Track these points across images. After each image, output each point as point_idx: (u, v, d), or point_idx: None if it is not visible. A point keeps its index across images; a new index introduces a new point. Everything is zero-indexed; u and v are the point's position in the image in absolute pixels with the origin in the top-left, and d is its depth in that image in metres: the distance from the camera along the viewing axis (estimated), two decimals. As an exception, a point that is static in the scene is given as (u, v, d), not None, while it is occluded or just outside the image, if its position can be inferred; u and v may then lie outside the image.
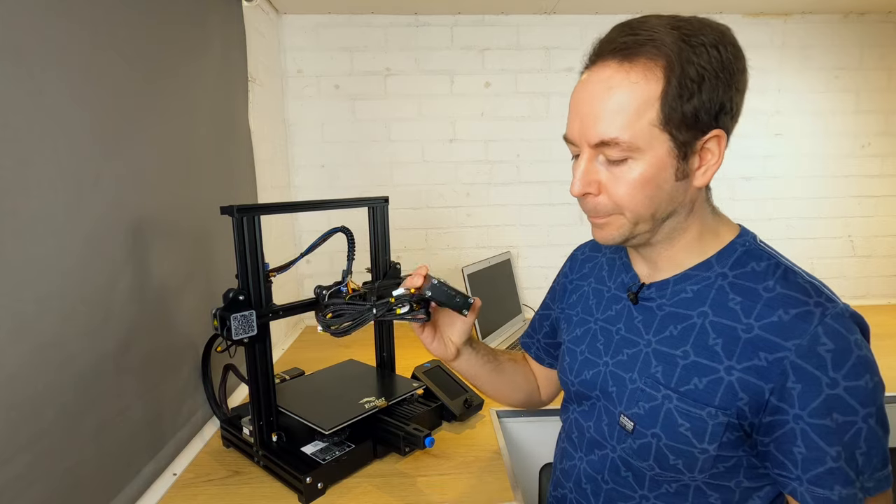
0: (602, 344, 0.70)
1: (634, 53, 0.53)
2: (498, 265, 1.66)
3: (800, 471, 0.54)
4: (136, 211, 0.84)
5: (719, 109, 0.54)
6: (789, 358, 0.53)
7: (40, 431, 0.63)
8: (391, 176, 1.82)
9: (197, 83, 1.08)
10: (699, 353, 0.59)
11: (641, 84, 0.53)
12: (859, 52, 1.81)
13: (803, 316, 0.53)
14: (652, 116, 0.53)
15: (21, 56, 0.61)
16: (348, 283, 0.94)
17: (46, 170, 0.65)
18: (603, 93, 0.55)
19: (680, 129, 0.54)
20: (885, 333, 1.57)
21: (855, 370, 0.52)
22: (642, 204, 0.57)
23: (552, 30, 1.77)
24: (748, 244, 0.62)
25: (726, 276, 0.60)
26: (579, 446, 0.72)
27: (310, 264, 1.81)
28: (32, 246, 0.62)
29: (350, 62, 1.75)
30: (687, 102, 0.53)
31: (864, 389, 0.52)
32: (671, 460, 0.60)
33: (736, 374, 0.56)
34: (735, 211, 2.08)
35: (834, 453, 0.52)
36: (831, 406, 0.52)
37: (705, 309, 0.60)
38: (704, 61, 0.52)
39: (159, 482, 0.86)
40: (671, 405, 0.59)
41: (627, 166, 0.56)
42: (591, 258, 0.80)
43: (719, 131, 0.55)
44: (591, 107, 0.56)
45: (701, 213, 0.62)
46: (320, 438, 0.89)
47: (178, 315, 0.98)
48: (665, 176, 0.56)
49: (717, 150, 0.56)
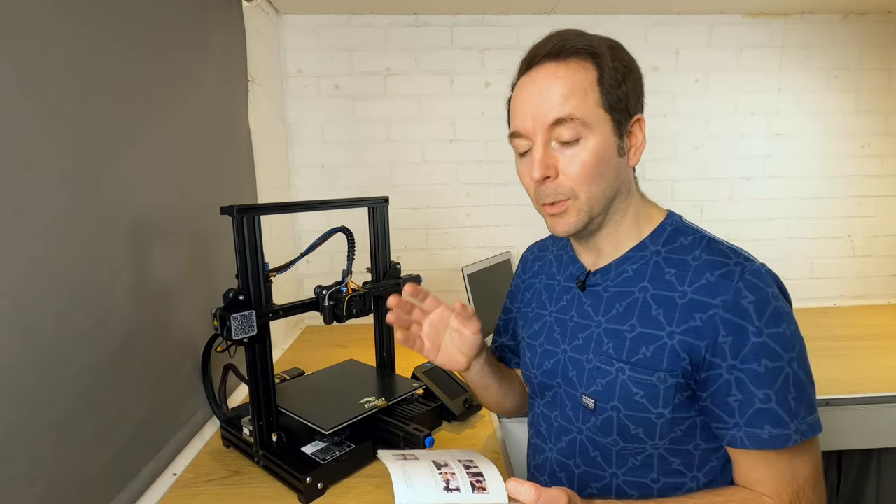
0: (559, 333, 0.74)
1: (566, 53, 0.62)
2: (498, 265, 1.66)
3: (738, 417, 0.59)
4: (136, 211, 0.84)
5: (636, 98, 0.65)
6: (718, 313, 0.59)
7: (40, 431, 0.63)
8: (391, 176, 1.82)
9: (197, 83, 1.08)
10: (644, 324, 0.64)
11: (581, 73, 0.62)
12: (859, 52, 1.81)
13: (726, 275, 0.60)
14: (595, 98, 0.62)
15: (21, 57, 0.61)
16: (348, 283, 0.94)
17: (47, 170, 0.65)
18: (550, 83, 0.62)
19: (615, 111, 0.63)
20: (885, 333, 1.57)
21: (774, 318, 0.58)
22: (596, 181, 0.63)
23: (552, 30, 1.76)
24: (676, 223, 0.69)
25: (660, 252, 0.67)
26: (548, 437, 0.76)
27: (310, 264, 1.81)
28: (33, 246, 0.62)
29: (350, 62, 1.75)
30: (618, 89, 0.62)
31: (783, 336, 0.58)
32: (632, 430, 0.65)
33: (677, 338, 0.61)
34: (735, 211, 2.08)
35: (762, 395, 0.57)
36: (758, 352, 0.57)
37: (645, 284, 0.66)
38: (621, 58, 0.63)
39: (159, 482, 0.86)
40: (624, 377, 0.65)
41: (580, 145, 0.62)
42: (539, 257, 0.85)
43: (640, 116, 0.66)
44: (542, 95, 0.63)
45: (635, 196, 0.69)
46: (320, 438, 0.89)
47: (178, 315, 0.98)
48: (611, 152, 0.63)
49: (641, 133, 0.66)
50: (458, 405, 1.03)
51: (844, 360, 1.36)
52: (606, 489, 0.69)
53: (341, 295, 0.92)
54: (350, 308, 0.92)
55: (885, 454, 1.43)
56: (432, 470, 0.62)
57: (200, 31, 1.11)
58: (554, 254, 0.82)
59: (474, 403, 1.05)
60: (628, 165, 0.67)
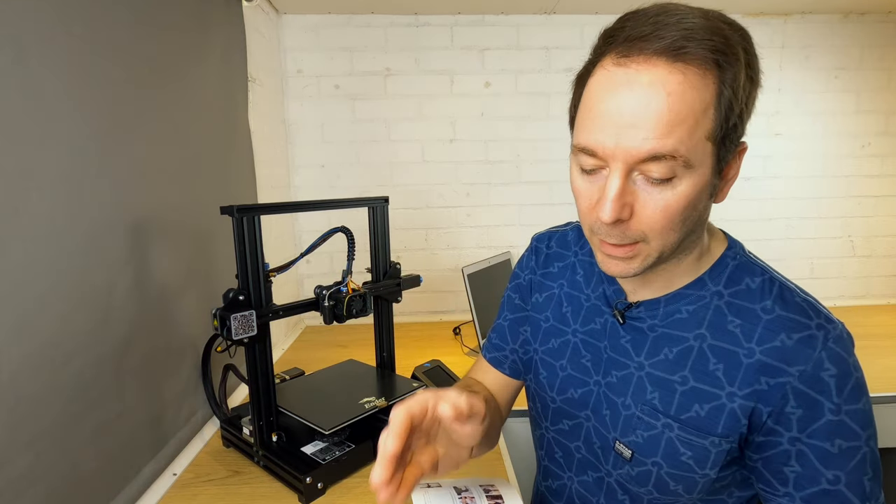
0: (589, 361, 0.65)
1: (688, 52, 0.44)
2: (498, 265, 1.66)
3: (790, 488, 0.53)
4: (136, 211, 0.84)
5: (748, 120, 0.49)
6: (792, 383, 0.51)
7: (40, 431, 0.63)
8: (391, 176, 1.82)
9: (197, 83, 1.08)
10: (699, 378, 0.56)
11: (700, 88, 0.44)
12: (859, 52, 1.81)
13: (806, 341, 0.51)
14: (707, 128, 0.46)
15: (21, 56, 0.61)
16: (348, 283, 0.94)
17: (47, 170, 0.65)
18: (656, 98, 0.44)
19: (724, 142, 0.47)
20: (885, 333, 1.57)
21: (854, 393, 0.51)
22: (677, 229, 0.50)
23: (552, 30, 1.77)
24: (738, 257, 0.58)
25: (721, 294, 0.57)
26: (567, 466, 0.69)
27: (310, 264, 1.81)
28: (32, 246, 0.62)
29: (350, 62, 1.75)
30: (739, 112, 0.46)
31: (863, 412, 0.51)
32: (671, 486, 0.58)
33: (738, 401, 0.53)
34: (735, 211, 2.08)
35: (831, 476, 0.51)
36: (834, 431, 0.50)
37: (702, 331, 0.56)
38: (746, 62, 0.46)
39: (159, 482, 0.86)
40: (672, 434, 0.57)
41: (670, 185, 0.47)
42: (560, 256, 0.72)
43: (744, 144, 0.50)
44: (641, 113, 0.45)
45: (704, 230, 0.57)
46: (320, 438, 0.89)
47: (178, 315, 0.98)
48: (704, 195, 0.49)
49: (738, 165, 0.51)
50: (458, 405, 1.03)
51: (844, 360, 1.35)
52: None
53: (341, 295, 0.92)
54: (350, 308, 0.92)
55: (884, 454, 1.43)
56: (453, 496, 0.62)
57: (200, 31, 1.11)
58: (579, 258, 0.70)
59: (474, 403, 1.05)
60: (711, 204, 0.53)
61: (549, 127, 1.81)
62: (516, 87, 1.79)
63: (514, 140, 1.82)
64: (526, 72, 1.78)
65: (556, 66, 1.78)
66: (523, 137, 1.82)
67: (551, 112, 1.80)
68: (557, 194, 1.85)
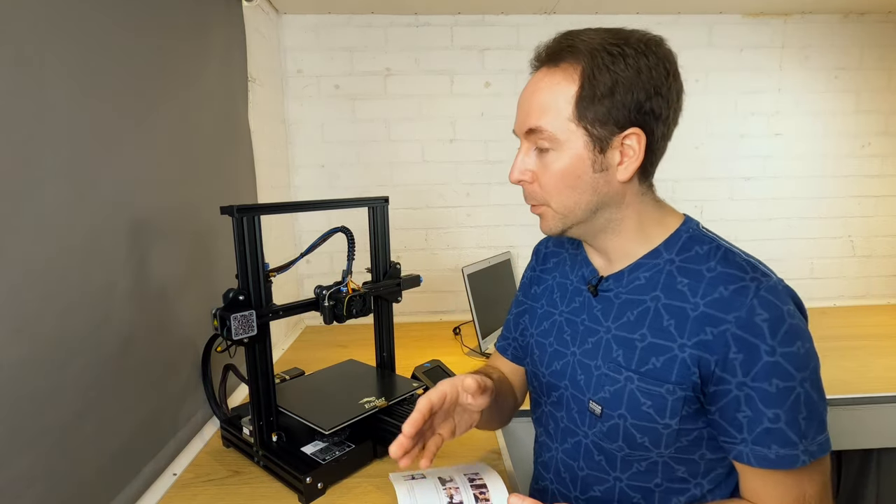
0: (569, 335, 0.73)
1: (558, 59, 0.62)
2: (498, 265, 1.66)
3: (745, 433, 0.58)
4: (136, 211, 0.84)
5: (637, 110, 0.59)
6: (730, 330, 0.57)
7: (40, 431, 0.63)
8: (391, 176, 1.82)
9: (197, 83, 1.08)
10: (655, 334, 0.63)
11: (562, 85, 0.61)
12: (859, 52, 1.81)
13: (740, 290, 0.58)
14: (568, 113, 0.60)
15: (22, 56, 0.61)
16: (348, 283, 0.94)
17: (47, 170, 0.65)
18: (533, 91, 0.64)
19: (594, 126, 0.60)
20: (885, 334, 1.57)
21: (787, 337, 0.56)
22: (565, 193, 0.64)
23: (552, 30, 1.75)
24: (692, 230, 0.67)
25: (674, 261, 0.65)
26: (555, 437, 0.75)
27: (310, 264, 1.81)
28: (33, 246, 0.62)
29: (350, 62, 1.75)
30: (599, 103, 0.59)
31: (796, 355, 0.56)
32: (638, 438, 0.64)
33: (688, 351, 0.60)
34: (735, 211, 2.08)
35: (771, 415, 0.56)
36: (770, 372, 0.56)
37: (657, 293, 0.64)
38: (620, 68, 0.58)
39: (159, 482, 0.86)
40: (633, 386, 0.64)
41: (551, 156, 0.63)
42: (555, 253, 0.83)
43: (636, 129, 0.60)
44: (527, 103, 0.64)
45: (637, 205, 0.66)
46: (320, 438, 0.89)
47: (178, 315, 0.98)
48: (583, 167, 0.62)
49: (637, 147, 0.61)
50: (458, 405, 1.03)
51: (844, 360, 1.36)
52: (609, 492, 0.69)
53: (341, 295, 0.92)
54: (350, 308, 0.92)
55: (884, 454, 1.43)
56: (437, 487, 0.62)
57: (200, 31, 1.11)
58: (569, 252, 0.80)
59: (474, 403, 1.05)
60: (615, 180, 0.63)
61: (549, 127, 1.80)
62: (516, 87, 1.79)
63: (514, 140, 1.81)
64: (526, 72, 1.76)
65: (556, 66, 1.78)
66: (523, 137, 1.81)
67: (551, 112, 1.80)
68: (557, 194, 1.85)
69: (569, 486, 0.73)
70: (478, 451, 0.95)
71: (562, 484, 0.74)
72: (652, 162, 0.64)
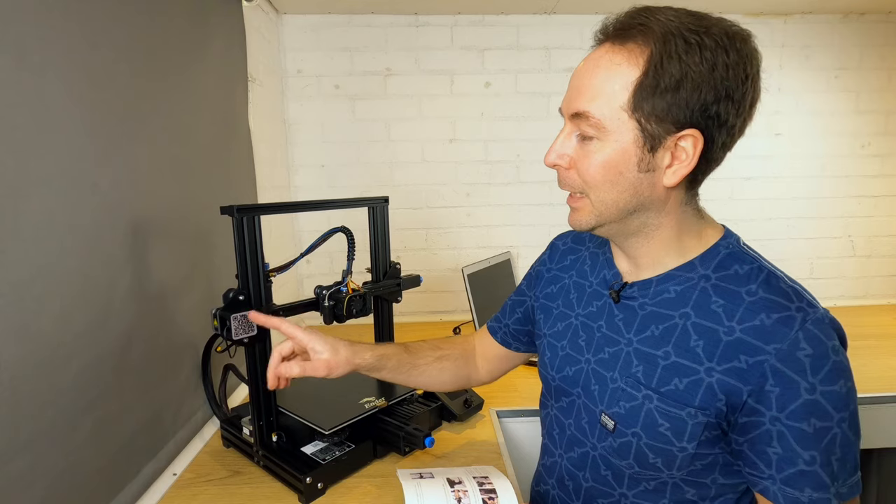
0: (584, 341, 0.70)
1: (626, 37, 0.54)
2: (498, 265, 1.66)
3: (773, 470, 0.55)
4: (136, 211, 0.84)
5: (701, 111, 0.53)
6: (769, 361, 0.53)
7: (40, 431, 0.63)
8: (391, 176, 1.82)
9: (197, 83, 1.08)
10: (680, 353, 0.59)
11: (623, 67, 0.54)
12: (859, 52, 1.81)
13: (784, 321, 0.54)
14: (623, 100, 0.54)
15: (21, 56, 0.61)
16: (348, 283, 0.94)
17: (47, 170, 0.65)
18: (590, 69, 0.56)
19: (649, 121, 0.54)
20: (885, 334, 1.57)
21: (831, 375, 0.52)
22: (605, 187, 0.58)
23: (552, 30, 1.77)
24: (731, 247, 0.62)
25: (709, 278, 0.60)
26: (559, 443, 0.73)
27: (310, 264, 1.81)
28: (33, 246, 0.62)
29: (350, 62, 1.75)
30: (661, 96, 0.53)
31: (838, 394, 0.53)
32: (650, 459, 0.61)
33: (716, 376, 0.56)
34: (735, 211, 2.08)
35: (808, 457, 0.53)
36: (809, 410, 0.52)
37: (687, 310, 0.60)
38: (694, 61, 0.51)
39: (159, 482, 0.86)
40: (651, 405, 0.60)
41: (594, 145, 0.57)
42: (573, 250, 0.79)
43: (694, 131, 0.54)
44: (579, 80, 0.58)
45: (678, 213, 0.61)
46: (320, 438, 0.89)
47: (178, 315, 0.98)
48: (628, 164, 0.56)
49: (692, 151, 0.55)
50: (458, 405, 1.03)
51: (844, 360, 1.36)
52: None
53: (341, 295, 0.92)
54: (350, 308, 0.93)
55: (885, 454, 1.43)
56: (445, 488, 0.62)
57: (200, 31, 1.11)
58: (590, 251, 0.76)
59: (474, 403, 1.05)
60: (660, 184, 0.57)
61: (549, 127, 1.80)
62: (516, 87, 1.79)
63: (514, 140, 1.82)
64: (526, 72, 1.78)
65: (556, 67, 1.78)
66: (523, 137, 1.81)
67: (551, 112, 1.80)
68: (557, 194, 1.84)
69: (571, 496, 0.71)
70: (478, 450, 0.95)
71: (564, 492, 0.72)
72: (704, 171, 0.59)
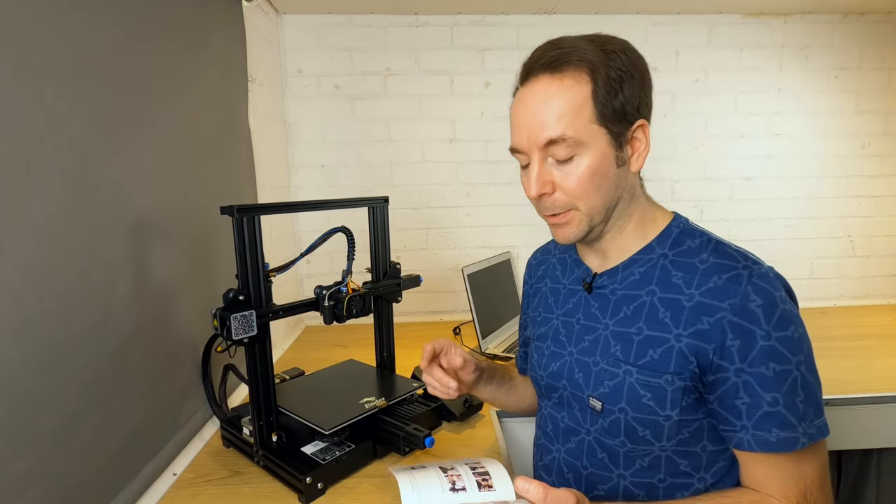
0: (564, 336, 0.75)
1: (562, 64, 0.61)
2: (498, 265, 1.66)
3: (745, 419, 0.59)
4: (136, 211, 0.84)
5: (639, 103, 0.63)
6: (727, 317, 0.59)
7: (40, 431, 0.63)
8: (391, 176, 1.82)
9: (197, 83, 1.08)
10: (651, 327, 0.64)
11: (574, 88, 0.60)
12: (859, 52, 1.81)
13: (734, 278, 0.60)
14: (588, 114, 0.61)
15: (22, 56, 0.61)
16: (348, 283, 0.94)
17: (47, 170, 0.65)
18: (543, 102, 0.61)
19: (613, 122, 0.61)
20: (885, 333, 1.57)
21: (782, 322, 0.58)
22: (594, 194, 0.64)
23: (552, 30, 1.75)
24: (682, 226, 0.69)
25: (667, 255, 0.67)
26: (555, 438, 0.76)
27: (310, 264, 1.81)
28: (33, 246, 0.62)
29: (350, 62, 1.75)
30: (614, 98, 0.61)
31: (791, 339, 0.58)
32: (640, 432, 0.65)
33: (684, 341, 0.61)
34: (735, 211, 2.08)
35: (770, 399, 0.58)
36: (767, 356, 0.58)
37: (652, 287, 0.66)
38: (619, 64, 0.61)
39: (159, 482, 0.86)
40: (632, 379, 0.65)
41: (574, 163, 0.62)
42: (543, 261, 0.86)
43: (643, 121, 0.64)
44: (535, 115, 0.62)
45: (639, 200, 0.69)
46: (320, 438, 0.89)
47: (178, 315, 0.98)
48: (608, 165, 0.63)
49: (644, 138, 0.64)
50: (459, 405, 1.03)
51: (844, 360, 1.36)
52: (614, 490, 0.69)
53: (341, 295, 0.92)
54: (350, 308, 0.93)
55: (885, 454, 1.43)
56: (438, 474, 0.62)
57: (200, 31, 1.11)
58: (557, 257, 0.82)
59: (474, 403, 1.05)
60: (630, 172, 0.66)
61: (549, 127, 1.80)
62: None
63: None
64: (526, 72, 1.78)
65: (556, 66, 1.78)
66: (523, 137, 1.81)
67: (551, 112, 1.80)
68: (557, 194, 1.85)
69: (572, 486, 0.72)
70: (478, 450, 0.95)
71: (565, 484, 0.74)
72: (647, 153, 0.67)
